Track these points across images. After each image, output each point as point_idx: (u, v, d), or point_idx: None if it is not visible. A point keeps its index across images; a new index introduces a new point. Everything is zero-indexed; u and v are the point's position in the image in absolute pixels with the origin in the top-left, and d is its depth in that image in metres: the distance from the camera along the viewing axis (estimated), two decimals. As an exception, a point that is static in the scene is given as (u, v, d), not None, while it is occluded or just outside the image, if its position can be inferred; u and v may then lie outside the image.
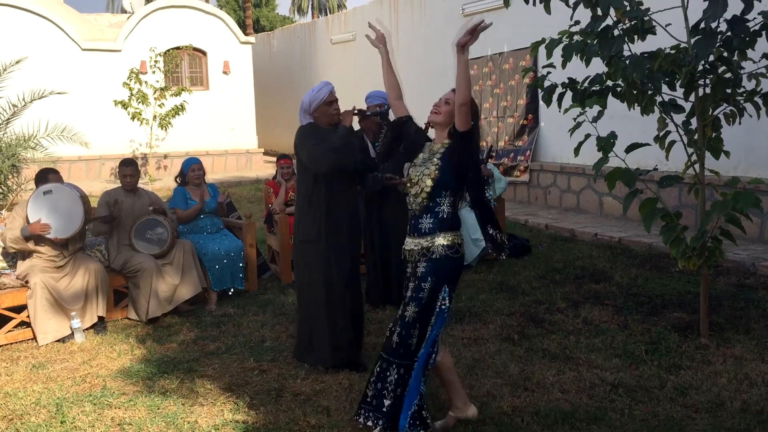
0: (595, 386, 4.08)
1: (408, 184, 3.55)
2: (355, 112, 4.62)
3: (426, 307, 3.37)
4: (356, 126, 4.83)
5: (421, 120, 5.84)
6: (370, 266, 5.87)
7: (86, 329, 5.37)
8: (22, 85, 9.86)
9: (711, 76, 4.63)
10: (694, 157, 4.86)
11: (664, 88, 4.68)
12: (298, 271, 4.69)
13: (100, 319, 5.46)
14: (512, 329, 5.12)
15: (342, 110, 4.54)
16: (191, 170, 6.37)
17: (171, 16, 16.11)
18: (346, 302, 4.48)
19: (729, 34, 4.39)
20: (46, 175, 5.69)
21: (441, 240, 3.40)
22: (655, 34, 4.64)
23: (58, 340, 5.21)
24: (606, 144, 4.54)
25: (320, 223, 4.44)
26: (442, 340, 3.53)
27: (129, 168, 5.87)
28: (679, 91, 4.76)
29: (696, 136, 4.79)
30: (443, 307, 3.39)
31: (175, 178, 6.62)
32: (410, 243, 3.50)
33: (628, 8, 4.46)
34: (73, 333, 5.24)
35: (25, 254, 5.40)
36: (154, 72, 14.95)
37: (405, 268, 3.57)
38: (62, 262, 5.39)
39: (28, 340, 5.27)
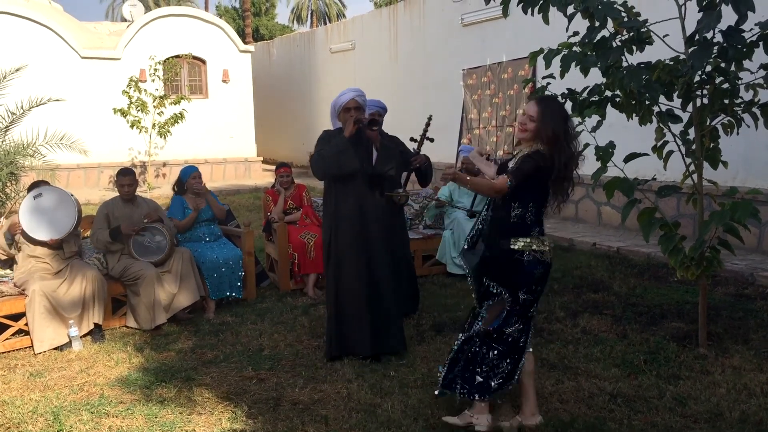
0: (593, 396, 4.07)
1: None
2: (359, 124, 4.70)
3: None
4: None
5: (417, 128, 5.85)
6: None
7: (83, 336, 5.36)
8: (22, 92, 9.87)
9: (708, 86, 4.65)
10: (692, 167, 4.86)
11: (662, 99, 4.70)
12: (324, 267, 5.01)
13: (97, 326, 5.45)
14: (511, 338, 5.11)
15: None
16: (192, 177, 6.37)
17: (170, 25, 16.16)
18: (351, 300, 4.72)
19: (725, 44, 4.41)
20: (38, 187, 5.69)
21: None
22: (652, 44, 4.66)
23: (56, 348, 5.20)
24: (604, 154, 4.55)
25: (330, 224, 4.76)
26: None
27: (126, 178, 5.87)
28: (677, 102, 4.77)
29: (694, 146, 4.81)
30: None
31: (173, 186, 6.62)
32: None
33: (625, 19, 4.48)
34: (70, 341, 5.23)
35: (20, 259, 5.41)
36: (153, 80, 14.99)
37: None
38: (60, 267, 5.40)
39: (26, 348, 5.26)
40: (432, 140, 5.83)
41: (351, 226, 4.71)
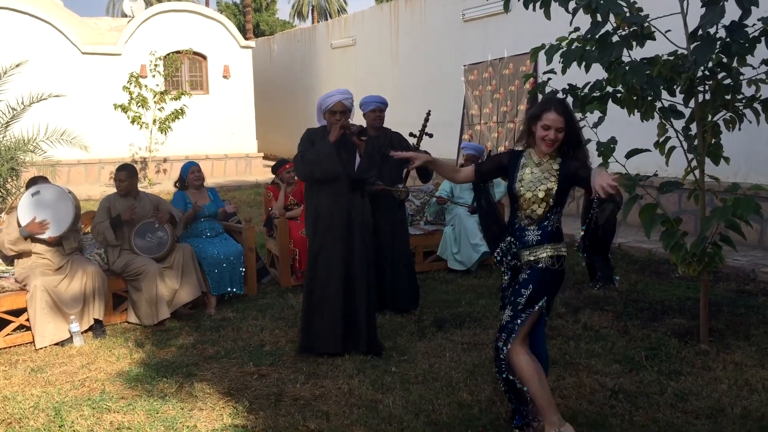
0: (595, 392, 4.07)
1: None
2: (348, 130, 4.69)
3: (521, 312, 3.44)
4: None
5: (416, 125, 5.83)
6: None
7: (84, 332, 5.36)
8: (22, 88, 9.84)
9: (710, 82, 4.64)
10: (694, 163, 4.86)
11: (664, 94, 4.69)
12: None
13: (98, 322, 5.45)
14: (512, 334, 5.11)
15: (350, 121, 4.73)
16: (191, 172, 6.38)
17: (171, 20, 16.14)
18: (332, 298, 4.74)
19: (728, 40, 4.40)
20: (36, 183, 5.69)
21: (548, 251, 3.50)
22: (654, 40, 4.65)
23: (57, 344, 5.20)
24: (606, 149, 4.54)
25: (312, 224, 4.79)
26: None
27: (122, 173, 5.84)
28: (679, 97, 4.76)
29: (696, 142, 4.80)
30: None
31: (174, 183, 6.61)
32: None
33: (627, 14, 4.46)
34: (71, 337, 5.24)
35: (23, 256, 5.40)
36: (154, 76, 14.97)
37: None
38: (61, 263, 5.39)
39: (27, 343, 5.26)
40: (431, 135, 5.83)
41: (331, 225, 4.73)
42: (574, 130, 3.44)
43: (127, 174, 5.85)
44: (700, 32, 4.33)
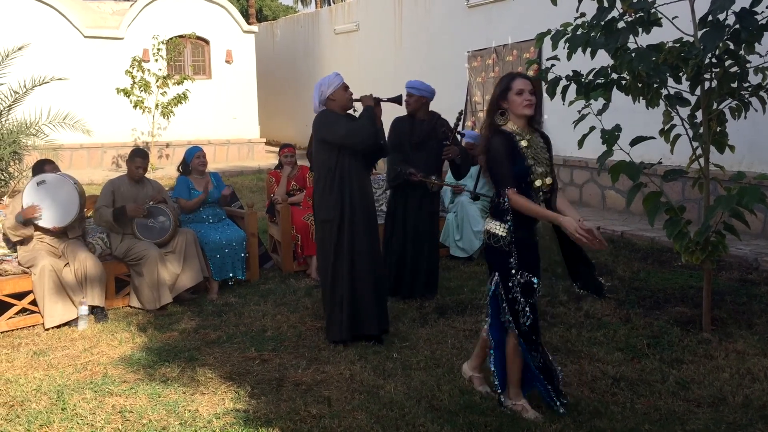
0: (596, 380, 4.07)
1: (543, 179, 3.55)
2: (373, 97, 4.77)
3: None
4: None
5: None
6: (395, 259, 5.77)
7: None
8: (24, 71, 9.82)
9: (717, 69, 4.60)
10: (698, 151, 4.83)
11: (670, 82, 4.65)
12: (322, 250, 4.83)
13: (100, 307, 5.45)
14: (514, 322, 5.10)
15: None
16: (196, 157, 6.36)
17: (174, 4, 16.04)
18: (368, 275, 4.72)
19: (737, 26, 4.36)
20: (42, 167, 5.69)
21: None
22: (660, 26, 4.61)
23: (65, 324, 5.22)
24: (610, 137, 4.51)
25: (341, 204, 4.69)
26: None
27: (139, 159, 5.90)
28: (685, 85, 4.73)
29: (701, 130, 4.77)
30: None
31: (178, 167, 6.61)
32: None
33: (633, 0, 4.42)
34: (77, 318, 5.25)
35: (26, 240, 5.40)
36: (156, 60, 14.91)
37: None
38: (61, 250, 5.40)
39: (29, 326, 5.27)
40: (463, 135, 5.85)
41: (359, 205, 4.73)
42: (537, 95, 3.54)
43: (143, 160, 5.90)
44: (710, 18, 4.28)
